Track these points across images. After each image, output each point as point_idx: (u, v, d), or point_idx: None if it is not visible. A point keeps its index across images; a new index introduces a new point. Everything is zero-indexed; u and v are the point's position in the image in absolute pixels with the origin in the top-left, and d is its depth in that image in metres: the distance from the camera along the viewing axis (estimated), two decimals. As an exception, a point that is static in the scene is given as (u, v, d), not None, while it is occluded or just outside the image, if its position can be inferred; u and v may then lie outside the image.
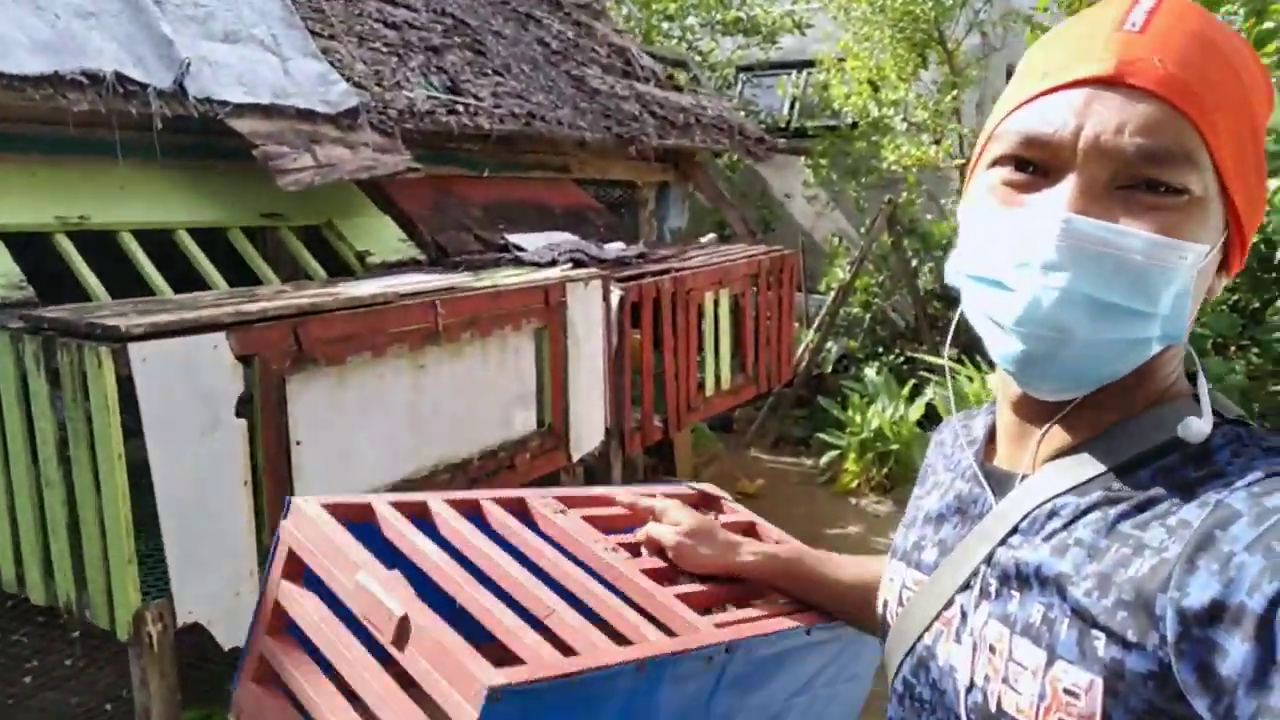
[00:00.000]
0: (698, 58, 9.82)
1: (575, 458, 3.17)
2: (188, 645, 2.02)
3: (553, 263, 3.55)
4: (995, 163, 0.72)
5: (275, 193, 3.32)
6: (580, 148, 4.77)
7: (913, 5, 7.29)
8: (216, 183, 3.28)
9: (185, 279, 3.00)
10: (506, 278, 2.99)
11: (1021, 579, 0.72)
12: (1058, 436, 0.75)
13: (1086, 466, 0.72)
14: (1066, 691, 0.66)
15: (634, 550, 1.12)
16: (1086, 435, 0.74)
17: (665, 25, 9.66)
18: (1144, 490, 0.68)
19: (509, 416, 2.91)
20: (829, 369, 9.08)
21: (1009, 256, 0.69)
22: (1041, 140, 0.68)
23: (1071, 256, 0.66)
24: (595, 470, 3.39)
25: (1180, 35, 0.67)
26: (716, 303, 3.89)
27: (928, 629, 0.80)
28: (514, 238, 4.03)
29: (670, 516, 1.14)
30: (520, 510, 1.11)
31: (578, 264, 3.56)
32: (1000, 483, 0.79)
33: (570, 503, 1.16)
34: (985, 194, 0.72)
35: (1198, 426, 0.68)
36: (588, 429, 3.21)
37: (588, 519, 1.13)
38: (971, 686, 0.74)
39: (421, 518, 1.01)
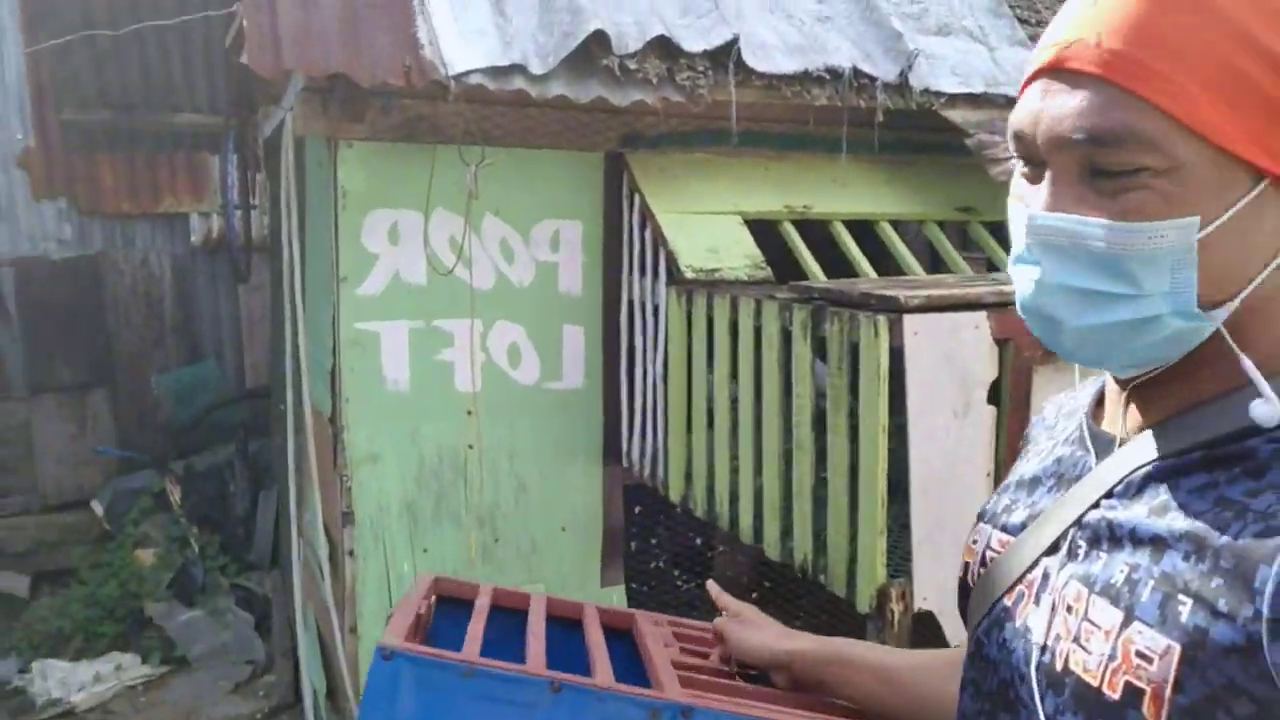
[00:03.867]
0: None
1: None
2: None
3: None
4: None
5: (968, 187, 3.22)
6: None
7: None
8: (916, 177, 3.29)
9: (881, 270, 3.04)
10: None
11: (1113, 539, 0.69)
12: (1160, 402, 0.71)
13: (1190, 433, 0.68)
14: (1139, 654, 0.63)
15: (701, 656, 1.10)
16: (1190, 402, 0.69)
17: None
18: (1254, 458, 0.64)
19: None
20: None
21: (1013, 249, 0.73)
22: (1019, 137, 0.70)
23: (1041, 251, 0.68)
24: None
25: None
26: None
27: (1008, 591, 0.78)
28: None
29: (733, 607, 1.13)
30: (625, 624, 1.14)
31: None
32: (1102, 446, 0.76)
33: (677, 624, 1.17)
34: (1013, 185, 0.74)
35: (1266, 411, 0.63)
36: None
37: (678, 633, 1.14)
38: (1044, 648, 0.70)
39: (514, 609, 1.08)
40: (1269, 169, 0.62)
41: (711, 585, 1.21)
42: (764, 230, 2.96)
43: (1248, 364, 0.65)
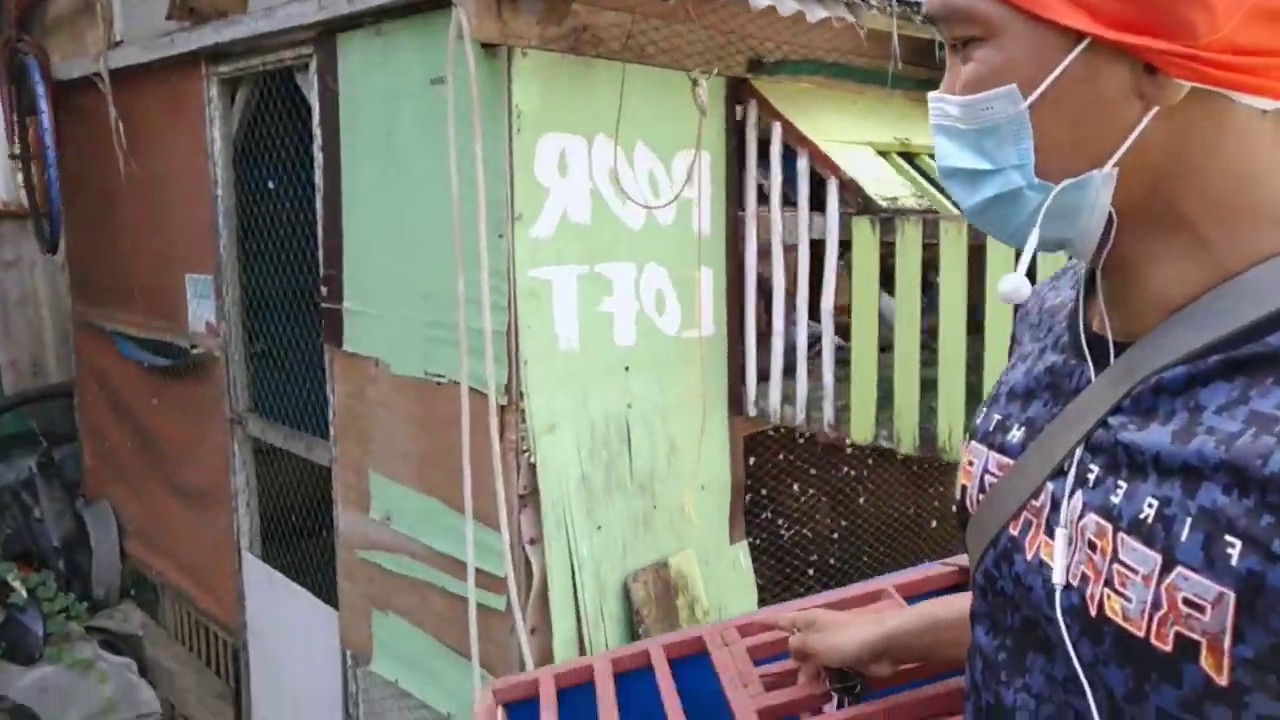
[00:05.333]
0: None
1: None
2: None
3: None
4: None
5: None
6: None
7: None
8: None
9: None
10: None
11: (1134, 466, 0.61)
12: (1143, 291, 0.65)
13: (1196, 332, 0.61)
14: (1187, 603, 0.55)
15: (786, 676, 1.09)
16: (1183, 294, 0.63)
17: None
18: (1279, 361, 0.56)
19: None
20: None
21: None
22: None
23: (935, 133, 0.69)
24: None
25: None
26: None
27: (1013, 518, 0.71)
28: None
29: (800, 620, 1.06)
30: (696, 650, 1.17)
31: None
32: (1099, 352, 0.69)
33: (746, 630, 1.18)
34: None
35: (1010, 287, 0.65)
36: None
37: (752, 648, 1.14)
38: (1065, 587, 0.64)
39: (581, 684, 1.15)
40: (1086, 29, 0.59)
41: (767, 616, 1.17)
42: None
43: (1030, 246, 0.65)
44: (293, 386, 3.43)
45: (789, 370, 2.80)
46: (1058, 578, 0.64)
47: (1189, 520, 0.56)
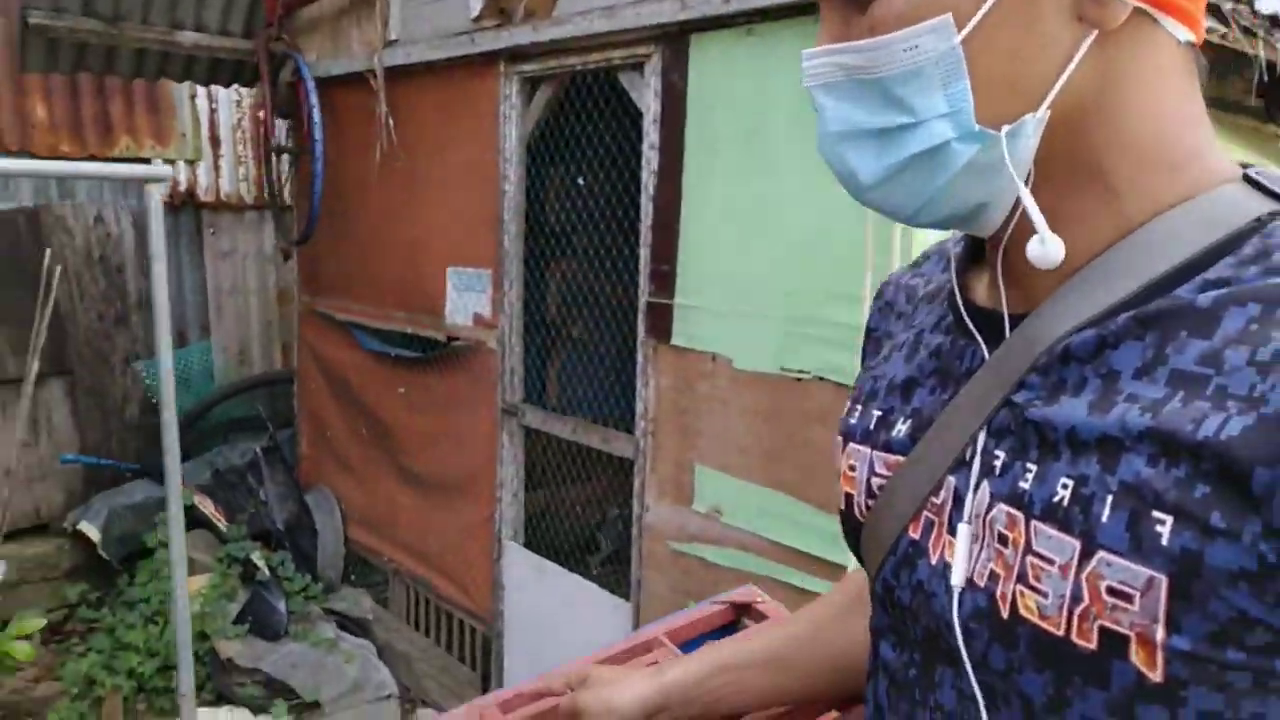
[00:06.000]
0: None
1: None
2: None
3: None
4: None
5: None
6: None
7: None
8: None
9: None
10: None
11: (1045, 445, 0.55)
12: (1069, 257, 0.57)
13: (1102, 290, 0.55)
14: (1113, 592, 0.49)
15: None
16: (1084, 254, 0.57)
17: None
18: (1193, 311, 0.51)
19: None
20: None
21: None
22: None
23: (820, 94, 0.59)
24: None
25: None
26: None
27: (913, 520, 0.64)
28: None
29: (571, 676, 0.96)
30: None
31: None
32: (991, 327, 0.62)
33: (509, 705, 1.03)
34: None
35: (1039, 252, 0.55)
36: None
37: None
38: (971, 587, 0.57)
39: None
40: None
41: (535, 683, 1.04)
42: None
43: (1026, 198, 0.56)
44: (576, 377, 3.50)
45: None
46: (956, 579, 0.58)
47: (1110, 498, 0.50)
